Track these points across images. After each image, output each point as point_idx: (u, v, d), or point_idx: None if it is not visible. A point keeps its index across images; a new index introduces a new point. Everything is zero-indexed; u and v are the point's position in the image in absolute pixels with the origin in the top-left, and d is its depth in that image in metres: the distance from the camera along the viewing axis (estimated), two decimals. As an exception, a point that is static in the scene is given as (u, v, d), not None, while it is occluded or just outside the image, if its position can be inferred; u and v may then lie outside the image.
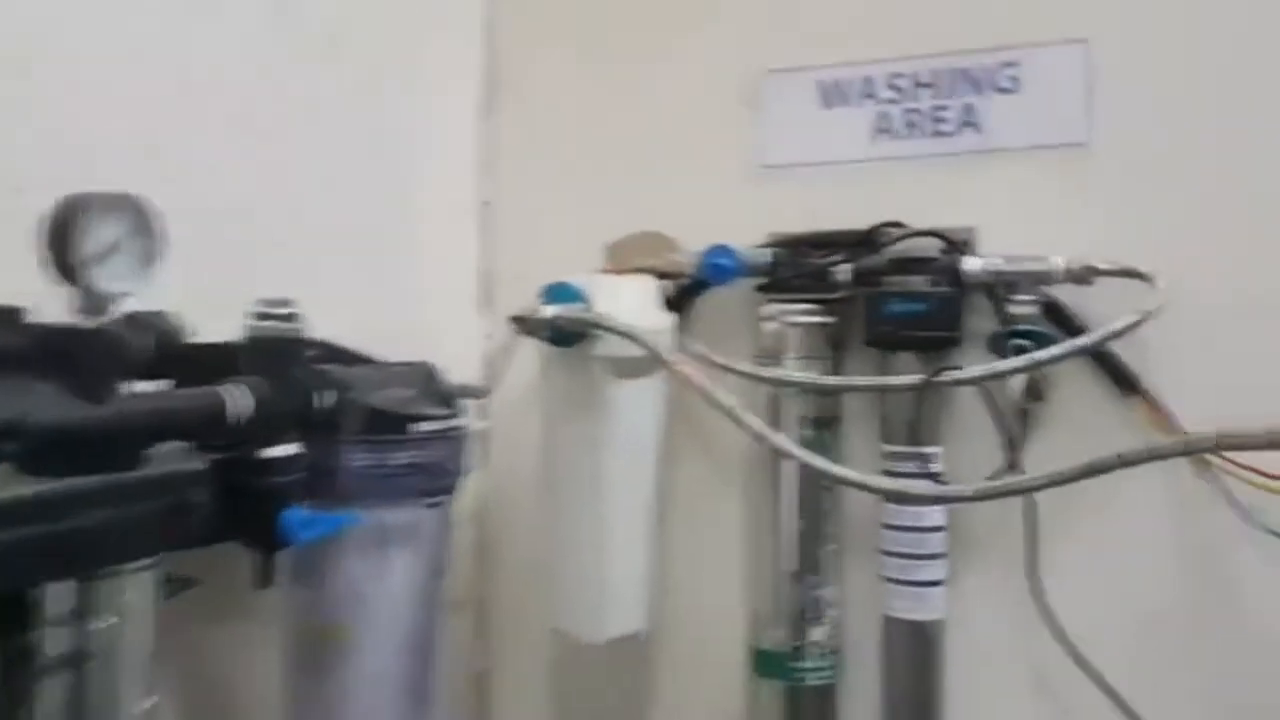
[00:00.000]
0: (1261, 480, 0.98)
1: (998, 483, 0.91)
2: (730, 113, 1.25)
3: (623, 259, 1.26)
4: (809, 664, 1.13)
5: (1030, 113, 1.12)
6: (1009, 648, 1.13)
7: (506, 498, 1.35)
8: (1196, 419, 1.04)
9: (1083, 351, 1.01)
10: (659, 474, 1.17)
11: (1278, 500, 0.98)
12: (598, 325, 1.04)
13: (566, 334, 1.07)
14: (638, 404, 1.12)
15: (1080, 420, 1.11)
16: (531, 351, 1.13)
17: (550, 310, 1.05)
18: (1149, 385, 1.07)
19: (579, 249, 1.26)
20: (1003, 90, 1.13)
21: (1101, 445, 1.08)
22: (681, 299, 1.24)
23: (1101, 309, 1.06)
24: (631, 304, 1.11)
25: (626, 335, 1.02)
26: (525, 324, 1.07)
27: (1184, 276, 1.02)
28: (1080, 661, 1.06)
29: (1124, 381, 1.08)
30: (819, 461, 0.95)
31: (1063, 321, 1.09)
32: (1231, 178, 1.06)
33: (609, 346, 1.06)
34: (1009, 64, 1.12)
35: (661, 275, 1.22)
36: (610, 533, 1.12)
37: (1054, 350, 0.99)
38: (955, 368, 1.04)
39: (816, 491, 1.14)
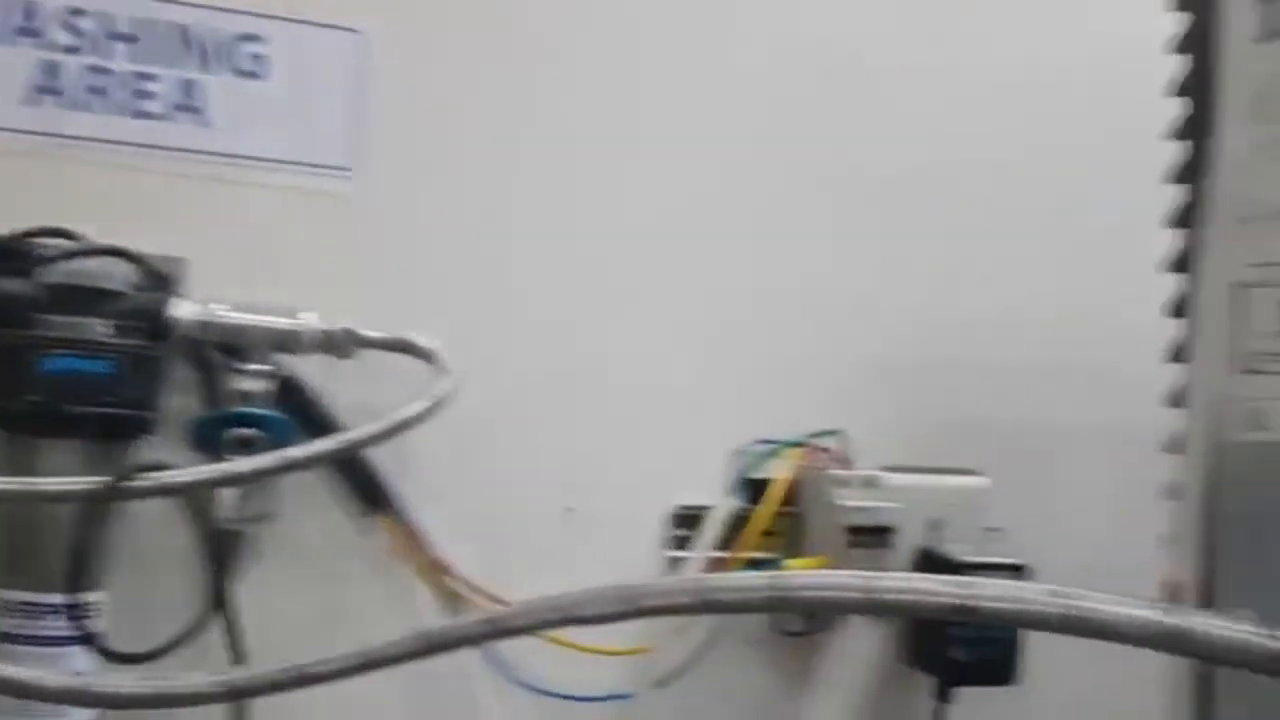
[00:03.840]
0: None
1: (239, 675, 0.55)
2: None
3: None
4: None
5: (280, 113, 0.80)
6: None
7: None
8: (452, 538, 0.82)
9: (347, 452, 0.70)
10: None
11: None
12: None
13: None
14: None
15: (308, 546, 0.80)
16: None
17: None
18: (397, 496, 0.81)
19: None
20: (244, 73, 0.79)
21: (334, 579, 0.82)
22: None
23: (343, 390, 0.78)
24: None
25: None
26: None
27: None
28: None
29: (371, 495, 0.81)
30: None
31: (301, 406, 0.78)
32: (530, 233, 0.86)
33: None
34: (252, 36, 0.79)
35: None
36: None
37: (313, 449, 0.67)
38: (157, 466, 0.65)
39: None
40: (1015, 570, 0.86)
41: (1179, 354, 0.56)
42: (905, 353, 0.93)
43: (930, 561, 0.88)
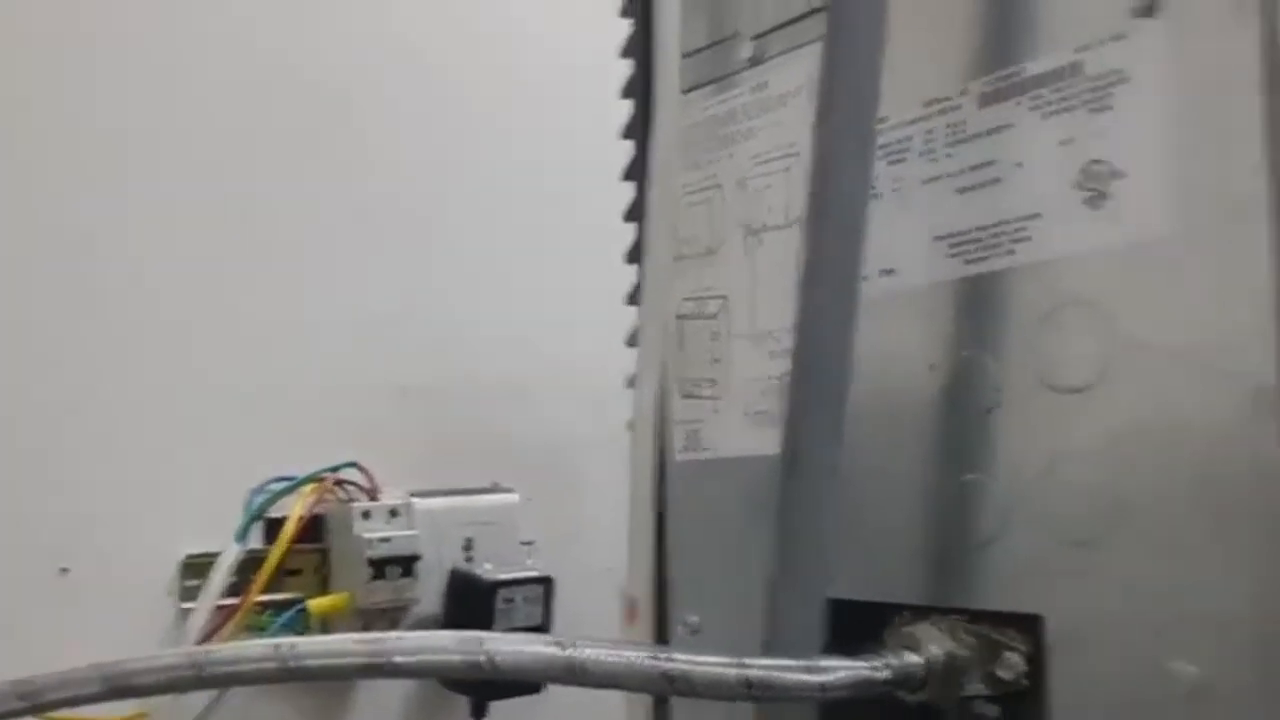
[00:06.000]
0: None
1: None
2: None
3: None
4: None
5: None
6: None
7: None
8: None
9: None
10: None
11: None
12: None
13: None
14: None
15: None
16: None
17: None
18: None
19: None
20: None
21: None
22: None
23: None
24: None
25: None
26: None
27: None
28: None
29: None
30: None
31: None
32: None
33: None
34: None
35: None
36: None
37: None
38: None
39: None
40: (543, 582, 0.90)
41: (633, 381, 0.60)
42: (424, 375, 0.93)
43: (461, 581, 0.89)
